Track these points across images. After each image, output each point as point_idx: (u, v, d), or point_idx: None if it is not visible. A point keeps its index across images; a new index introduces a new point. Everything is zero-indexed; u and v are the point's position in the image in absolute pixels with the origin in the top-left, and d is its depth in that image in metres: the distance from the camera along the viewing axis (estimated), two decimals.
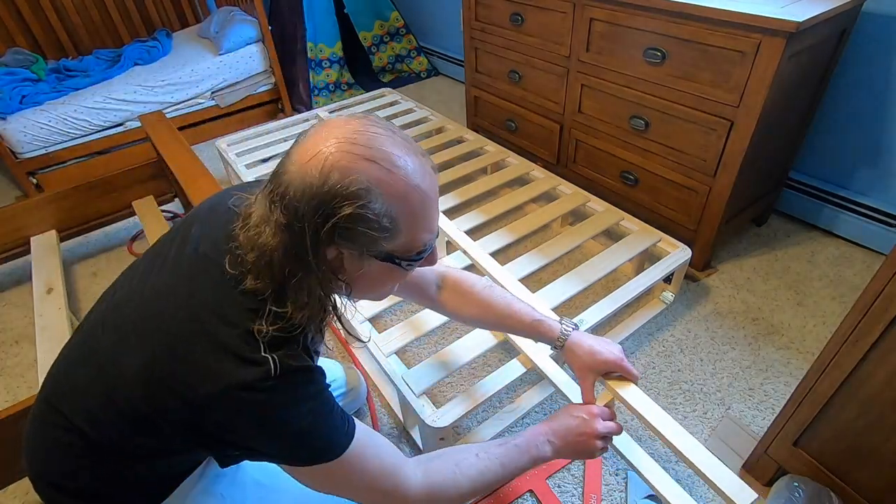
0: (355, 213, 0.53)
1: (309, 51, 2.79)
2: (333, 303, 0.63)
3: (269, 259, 0.57)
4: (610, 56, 1.58)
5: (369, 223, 0.55)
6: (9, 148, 2.18)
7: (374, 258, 0.59)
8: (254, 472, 0.84)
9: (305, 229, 0.54)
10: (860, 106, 1.56)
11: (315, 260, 0.56)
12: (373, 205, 0.54)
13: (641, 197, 1.69)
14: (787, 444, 0.98)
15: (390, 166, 0.56)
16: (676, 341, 1.44)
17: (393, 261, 0.61)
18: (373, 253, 0.58)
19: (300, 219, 0.54)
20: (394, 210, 0.56)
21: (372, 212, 0.54)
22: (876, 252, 1.67)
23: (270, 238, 0.56)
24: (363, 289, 0.65)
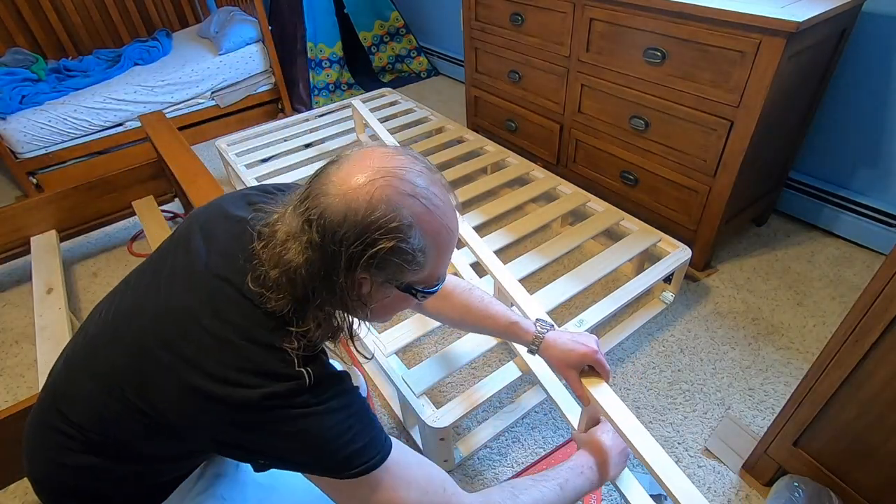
0: (396, 246, 0.55)
1: (309, 51, 2.79)
2: (350, 323, 0.65)
3: (293, 276, 0.57)
4: (610, 56, 1.58)
5: (405, 257, 0.57)
6: (9, 148, 2.18)
7: (395, 287, 0.61)
8: (256, 475, 0.83)
9: (341, 253, 0.55)
10: (860, 106, 1.56)
11: (344, 283, 0.57)
12: (412, 240, 0.56)
13: (641, 197, 1.69)
14: (787, 444, 0.98)
15: (431, 206, 0.57)
16: (676, 341, 1.44)
17: (411, 291, 0.62)
18: (396, 283, 0.60)
19: (337, 242, 0.55)
20: (427, 246, 0.58)
21: (410, 247, 0.56)
22: (876, 252, 1.67)
23: (297, 255, 0.57)
24: (378, 313, 0.66)
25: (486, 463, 1.19)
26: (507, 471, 1.17)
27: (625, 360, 1.40)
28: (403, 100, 2.45)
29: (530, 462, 1.18)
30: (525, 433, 1.24)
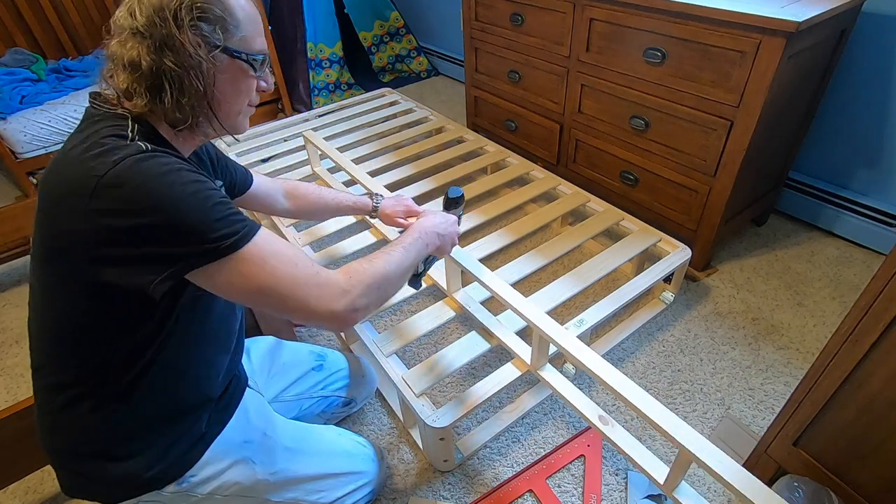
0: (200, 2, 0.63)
1: (309, 51, 2.79)
2: (207, 103, 0.68)
3: (137, 66, 0.63)
4: (610, 56, 1.58)
5: (215, 4, 0.64)
6: (9, 148, 2.18)
7: (226, 53, 0.67)
8: (282, 439, 0.90)
9: (166, 17, 0.62)
10: (860, 106, 1.56)
11: (180, 45, 0.62)
12: (211, 3, 0.64)
13: (641, 197, 1.69)
14: (787, 444, 0.98)
15: None
16: (676, 341, 1.44)
17: (241, 55, 0.69)
18: (224, 46, 0.66)
19: (158, 11, 0.62)
20: (234, 6, 0.67)
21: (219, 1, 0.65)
22: (876, 252, 1.67)
23: (134, 48, 0.63)
24: (224, 93, 0.69)
25: (486, 463, 1.19)
26: (507, 471, 1.17)
27: (625, 360, 1.40)
28: (403, 100, 2.44)
29: (530, 462, 1.18)
30: (525, 433, 1.24)
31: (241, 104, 0.73)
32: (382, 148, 2.06)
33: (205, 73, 0.65)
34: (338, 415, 1.22)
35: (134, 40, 0.63)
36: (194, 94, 0.65)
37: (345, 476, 0.98)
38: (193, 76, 0.64)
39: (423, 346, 1.46)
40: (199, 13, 0.63)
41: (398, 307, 1.56)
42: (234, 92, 0.71)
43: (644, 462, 0.96)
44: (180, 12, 0.62)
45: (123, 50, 0.64)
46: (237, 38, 0.68)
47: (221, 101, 0.70)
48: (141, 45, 0.63)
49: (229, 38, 0.67)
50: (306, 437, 0.96)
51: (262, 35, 0.73)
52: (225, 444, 0.82)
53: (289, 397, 1.07)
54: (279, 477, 0.87)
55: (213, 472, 0.80)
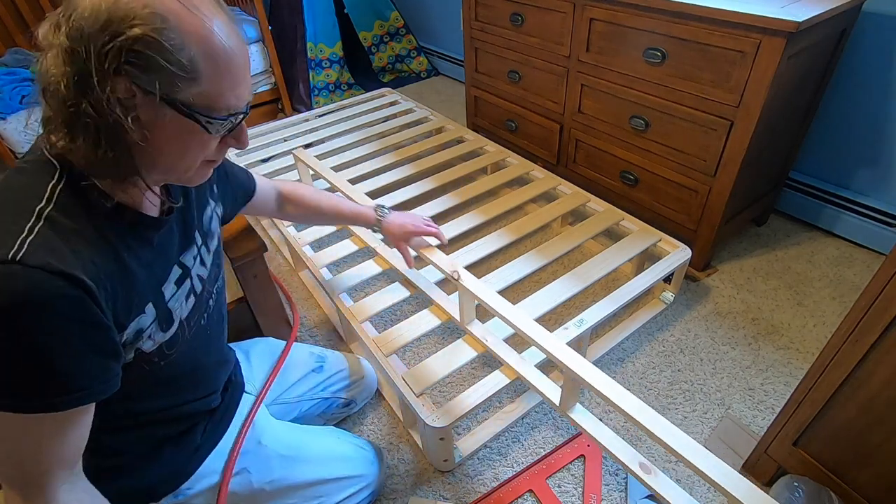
0: (148, 36, 0.49)
1: (309, 51, 2.79)
2: (129, 155, 0.54)
3: (54, 93, 0.51)
4: (610, 56, 1.58)
5: (164, 53, 0.49)
6: (9, 148, 2.18)
7: (170, 107, 0.53)
8: (277, 448, 0.89)
9: (90, 51, 0.48)
10: (860, 106, 1.56)
11: (101, 87, 0.49)
12: (168, 33, 0.49)
13: (641, 197, 1.69)
14: (787, 444, 0.98)
15: (193, 8, 0.52)
16: (676, 341, 1.44)
17: (192, 114, 0.54)
18: (169, 98, 0.52)
19: (84, 38, 0.48)
20: (193, 51, 0.51)
21: (168, 40, 0.49)
22: (876, 252, 1.67)
23: (55, 69, 0.50)
24: (161, 149, 0.56)
25: (486, 463, 1.19)
26: (506, 471, 1.17)
27: (625, 360, 1.40)
28: (403, 100, 2.44)
29: (530, 462, 1.18)
30: (525, 433, 1.24)
31: (190, 161, 0.59)
32: (382, 148, 2.06)
33: (128, 127, 0.51)
34: (338, 416, 1.22)
35: (54, 60, 0.50)
36: (113, 145, 0.52)
37: (343, 480, 0.97)
38: (112, 126, 0.51)
39: (423, 345, 1.46)
40: (134, 58, 0.49)
41: (398, 307, 1.55)
42: (180, 150, 0.57)
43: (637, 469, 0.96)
44: (109, 52, 0.48)
45: (42, 68, 0.51)
46: (192, 92, 0.53)
47: (157, 157, 0.56)
48: (58, 68, 0.50)
49: (177, 90, 0.52)
50: (303, 443, 0.94)
51: (240, 89, 0.57)
52: (220, 456, 0.81)
53: (289, 399, 1.07)
54: (276, 485, 0.86)
55: (209, 484, 0.80)
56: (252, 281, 1.17)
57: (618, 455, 0.97)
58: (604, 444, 0.99)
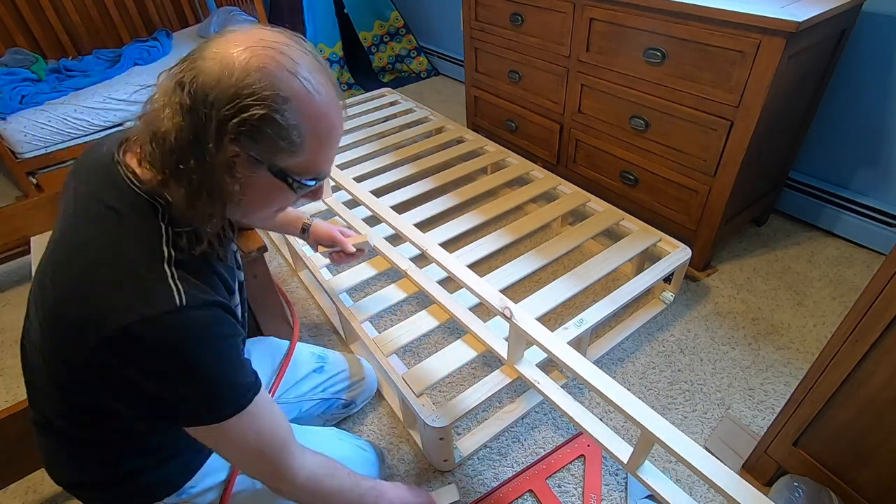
0: (268, 115, 0.53)
1: None
2: (223, 206, 0.59)
3: (162, 143, 0.55)
4: (610, 56, 1.58)
5: (279, 130, 0.55)
6: (9, 148, 2.17)
7: (268, 171, 0.58)
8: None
9: (212, 117, 0.53)
10: (860, 106, 1.56)
11: (214, 149, 0.54)
12: (287, 114, 0.54)
13: (641, 197, 1.69)
14: (787, 444, 0.98)
15: (311, 88, 0.56)
16: (676, 341, 1.44)
17: (286, 179, 0.60)
18: (269, 164, 0.58)
19: (208, 105, 0.52)
20: (304, 128, 0.56)
21: (285, 120, 0.54)
22: (876, 252, 1.67)
23: (168, 120, 0.54)
24: (250, 202, 0.61)
25: (486, 463, 1.19)
26: (507, 471, 1.17)
27: (625, 360, 1.40)
28: (403, 100, 2.44)
29: (530, 462, 1.18)
30: (525, 433, 1.24)
31: (269, 213, 0.66)
32: (382, 148, 2.05)
33: (230, 188, 0.57)
34: (338, 416, 1.22)
35: (171, 112, 0.54)
36: (212, 200, 0.57)
37: None
38: (215, 184, 0.56)
39: (423, 345, 1.46)
40: (251, 132, 0.54)
41: (398, 307, 1.55)
42: (265, 204, 0.64)
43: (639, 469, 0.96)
44: (230, 123, 0.53)
45: (159, 114, 0.55)
46: (293, 162, 0.59)
47: (241, 208, 0.62)
48: (172, 121, 0.54)
49: (279, 158, 0.58)
50: (305, 442, 0.95)
51: (332, 156, 0.64)
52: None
53: (289, 399, 1.07)
54: None
55: (213, 482, 0.80)
56: (252, 281, 1.17)
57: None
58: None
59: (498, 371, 1.15)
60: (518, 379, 1.13)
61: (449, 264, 1.18)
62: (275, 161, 0.58)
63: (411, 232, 1.29)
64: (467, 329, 1.21)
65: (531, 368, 1.13)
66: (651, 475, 0.97)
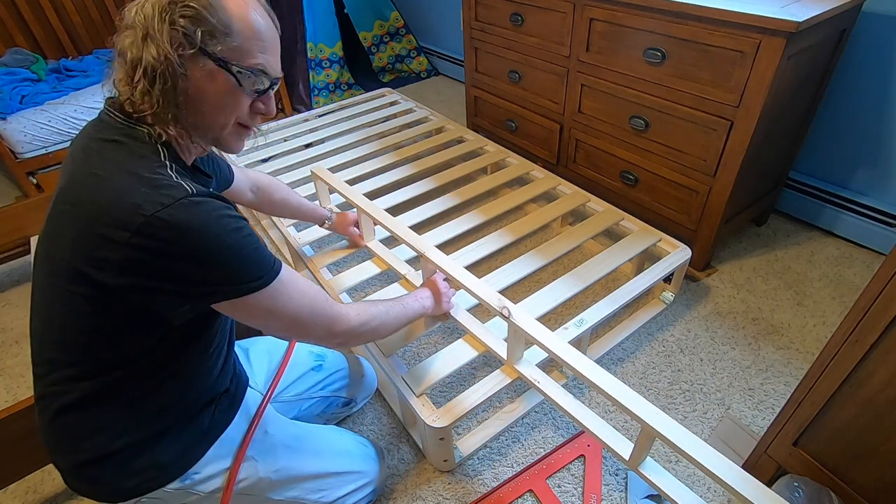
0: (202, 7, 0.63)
1: (309, 51, 2.79)
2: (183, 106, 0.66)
3: (124, 59, 0.64)
4: (610, 56, 1.58)
5: (209, 10, 0.63)
6: (9, 148, 2.17)
7: (208, 58, 0.65)
8: (283, 438, 0.91)
9: (154, 13, 0.62)
10: (860, 106, 1.56)
11: (160, 35, 0.62)
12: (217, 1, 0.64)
13: (641, 197, 1.69)
14: (787, 444, 0.98)
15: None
16: (676, 341, 1.44)
17: (228, 68, 0.66)
18: (207, 50, 0.64)
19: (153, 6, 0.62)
20: (232, 16, 0.65)
21: (215, 4, 0.64)
22: (876, 252, 1.67)
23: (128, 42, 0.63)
24: (203, 101, 0.67)
25: (486, 463, 1.19)
26: (507, 471, 1.17)
27: (625, 360, 1.40)
28: (403, 100, 2.44)
29: (530, 462, 1.18)
30: (525, 433, 1.24)
31: (224, 119, 0.70)
32: (382, 148, 2.06)
33: (175, 70, 0.63)
34: (338, 415, 1.22)
35: (129, 31, 0.64)
36: (164, 88, 0.63)
37: (346, 475, 0.98)
38: (165, 70, 0.62)
39: (424, 345, 1.46)
40: (184, 10, 0.63)
41: None
42: (216, 103, 0.68)
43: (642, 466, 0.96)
44: (168, 7, 0.62)
45: (119, 40, 0.65)
46: (226, 47, 0.65)
47: (198, 108, 0.67)
48: (131, 36, 0.63)
49: (214, 43, 0.64)
50: (307, 436, 0.96)
51: (268, 55, 0.70)
52: (227, 443, 0.83)
53: (288, 398, 1.07)
54: (281, 475, 0.88)
55: (216, 470, 0.81)
56: None
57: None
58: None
59: (498, 371, 1.15)
60: (518, 379, 1.13)
61: (447, 265, 1.18)
62: (209, 47, 0.64)
63: (407, 234, 1.29)
64: (466, 330, 1.22)
65: (531, 368, 1.13)
66: (653, 471, 0.97)
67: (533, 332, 1.04)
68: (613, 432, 1.01)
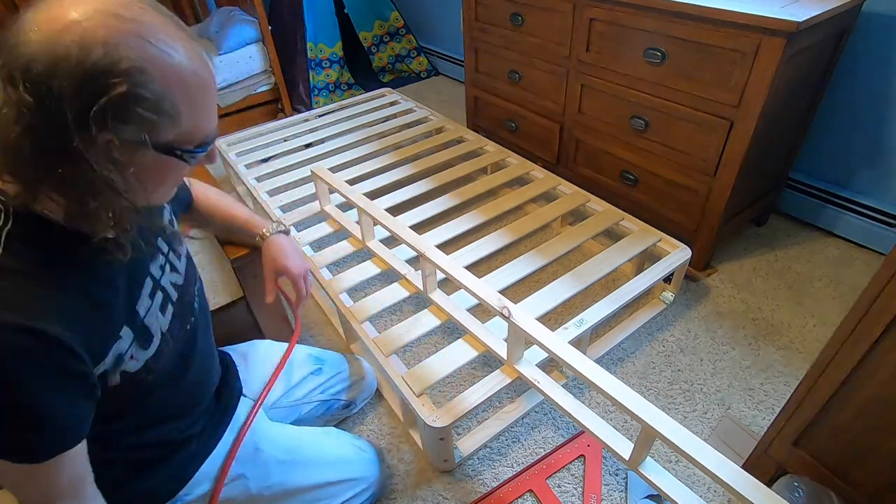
0: (131, 91, 0.47)
1: (309, 51, 2.79)
2: (121, 199, 0.52)
3: (16, 151, 0.47)
4: (610, 56, 1.57)
5: (148, 104, 0.49)
6: None
7: (152, 149, 0.52)
8: (275, 453, 0.88)
9: (65, 111, 0.45)
10: (860, 106, 1.56)
11: (84, 146, 0.47)
12: (150, 85, 0.48)
13: (641, 197, 1.69)
14: (787, 444, 0.98)
15: (165, 47, 0.50)
16: (676, 341, 1.44)
17: (174, 153, 0.54)
18: (152, 143, 0.51)
19: (56, 98, 0.45)
20: (173, 95, 0.51)
21: (150, 92, 0.48)
22: (876, 252, 1.67)
23: (14, 124, 0.46)
24: (143, 184, 0.55)
25: (486, 463, 1.19)
26: (507, 471, 1.17)
27: (625, 360, 1.40)
28: (403, 100, 2.44)
29: (530, 462, 1.18)
30: (525, 433, 1.24)
31: (168, 191, 0.62)
32: (382, 148, 2.06)
33: (116, 179, 0.50)
34: (338, 417, 1.22)
35: (13, 113, 0.46)
36: (103, 198, 0.51)
37: (343, 483, 0.97)
38: (100, 181, 0.49)
39: (423, 345, 1.46)
40: (117, 112, 0.47)
41: (398, 307, 1.55)
42: (158, 182, 0.58)
43: (642, 466, 0.96)
44: (88, 112, 0.46)
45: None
46: (174, 133, 0.53)
47: (137, 190, 0.54)
48: (21, 125, 0.46)
49: (160, 135, 0.52)
50: (302, 446, 0.94)
51: (212, 112, 0.58)
52: (217, 462, 0.81)
53: (288, 403, 1.06)
54: (274, 490, 0.86)
55: (206, 490, 0.80)
56: (252, 281, 1.17)
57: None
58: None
59: (498, 371, 1.15)
60: (518, 379, 1.13)
61: (446, 265, 1.18)
62: (157, 138, 0.52)
63: (407, 234, 1.29)
64: (467, 330, 1.22)
65: (531, 368, 1.13)
66: (653, 471, 0.97)
67: (533, 333, 1.04)
68: (613, 432, 1.01)
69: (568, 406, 1.05)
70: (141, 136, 0.50)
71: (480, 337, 1.19)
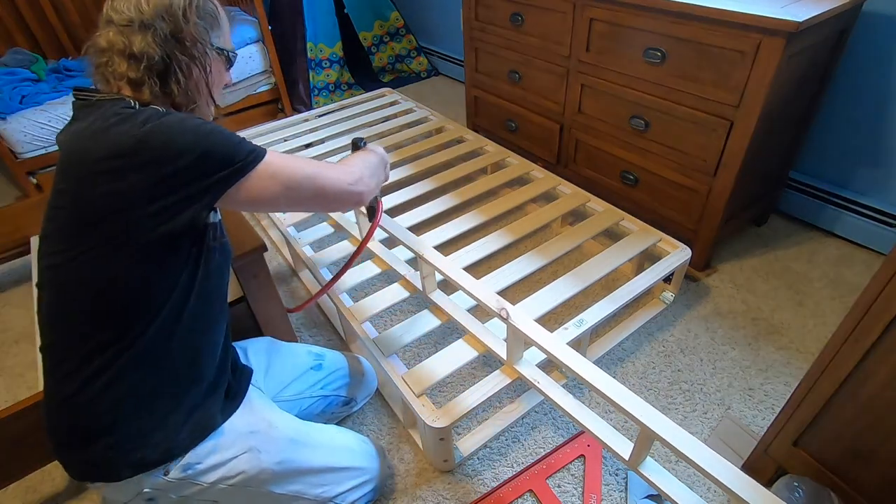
0: (202, 4, 0.77)
1: (309, 51, 2.79)
2: (206, 87, 0.81)
3: (142, 57, 0.72)
4: (610, 56, 1.57)
5: (212, 11, 0.79)
6: (9, 148, 2.17)
7: (216, 51, 0.80)
8: (287, 431, 0.91)
9: (176, 13, 0.73)
10: (860, 106, 1.56)
11: (188, 36, 0.74)
12: (208, 6, 0.79)
13: (641, 197, 1.69)
14: (787, 444, 0.98)
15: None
16: (676, 341, 1.44)
17: (224, 52, 0.83)
18: (217, 46, 0.81)
19: (167, 7, 0.73)
20: (218, 13, 0.81)
21: (210, 7, 0.79)
22: (876, 252, 1.67)
23: (143, 41, 0.71)
24: (215, 82, 0.83)
25: (486, 463, 1.19)
26: (507, 471, 1.17)
27: (625, 360, 1.40)
28: (403, 100, 2.44)
29: (530, 462, 1.18)
30: (525, 433, 1.24)
31: (219, 91, 0.86)
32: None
33: (205, 64, 0.78)
34: (338, 414, 1.22)
35: (141, 33, 0.71)
36: (198, 80, 0.78)
37: (347, 471, 0.99)
38: (198, 65, 0.77)
39: (424, 345, 1.46)
40: (200, 12, 0.76)
41: (398, 307, 1.55)
42: (219, 81, 0.85)
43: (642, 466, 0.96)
44: (188, 10, 0.74)
45: (126, 41, 0.72)
46: (222, 38, 0.82)
47: (213, 87, 0.82)
48: (148, 36, 0.71)
49: (217, 36, 0.80)
50: (312, 431, 0.97)
51: (230, 38, 0.87)
52: (232, 433, 0.84)
53: (287, 397, 1.07)
54: (284, 467, 0.89)
55: (219, 461, 0.81)
56: (252, 281, 1.17)
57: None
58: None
59: (498, 371, 1.15)
60: (518, 379, 1.13)
61: (444, 267, 1.18)
62: (215, 41, 0.80)
63: (404, 235, 1.29)
64: (466, 331, 1.22)
65: (531, 368, 1.13)
66: (653, 471, 0.97)
67: (531, 334, 1.04)
68: (613, 432, 1.01)
69: (568, 406, 1.05)
70: (210, 31, 0.78)
71: (480, 337, 1.19)
